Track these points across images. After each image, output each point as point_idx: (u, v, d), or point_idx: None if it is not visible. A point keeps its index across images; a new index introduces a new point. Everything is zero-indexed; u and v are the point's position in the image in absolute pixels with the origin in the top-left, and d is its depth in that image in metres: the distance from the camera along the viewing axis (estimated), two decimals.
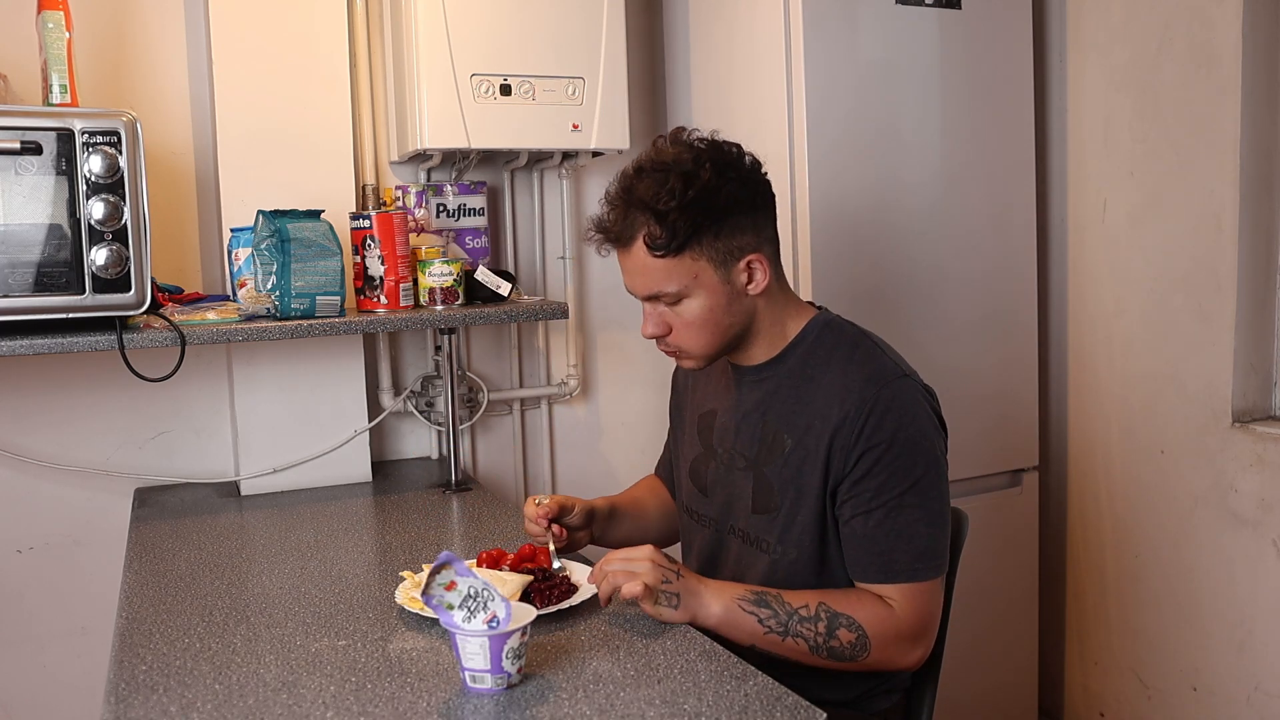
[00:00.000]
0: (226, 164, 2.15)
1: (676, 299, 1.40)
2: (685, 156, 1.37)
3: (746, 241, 1.40)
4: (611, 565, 1.34)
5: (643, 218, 1.36)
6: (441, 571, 1.18)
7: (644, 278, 1.40)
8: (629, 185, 1.39)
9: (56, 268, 1.74)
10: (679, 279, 1.38)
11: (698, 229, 1.35)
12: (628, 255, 1.40)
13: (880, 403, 1.35)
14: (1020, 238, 2.43)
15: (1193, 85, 2.20)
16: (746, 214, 1.39)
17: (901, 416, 1.35)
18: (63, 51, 1.85)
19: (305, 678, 1.22)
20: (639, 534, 1.69)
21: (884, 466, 1.34)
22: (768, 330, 1.46)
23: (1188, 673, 2.31)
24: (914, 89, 2.26)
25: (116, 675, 1.25)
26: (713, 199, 1.35)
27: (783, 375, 1.46)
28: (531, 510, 1.57)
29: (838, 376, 1.40)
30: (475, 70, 2.14)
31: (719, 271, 1.39)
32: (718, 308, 1.40)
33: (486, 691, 1.16)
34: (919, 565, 1.34)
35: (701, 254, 1.37)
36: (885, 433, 1.34)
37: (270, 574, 1.65)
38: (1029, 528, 2.51)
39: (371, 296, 2.11)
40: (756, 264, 1.41)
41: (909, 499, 1.34)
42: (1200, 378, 2.23)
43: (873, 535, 1.35)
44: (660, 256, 1.36)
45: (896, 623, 1.34)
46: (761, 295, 1.43)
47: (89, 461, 2.20)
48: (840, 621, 1.32)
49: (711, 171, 1.35)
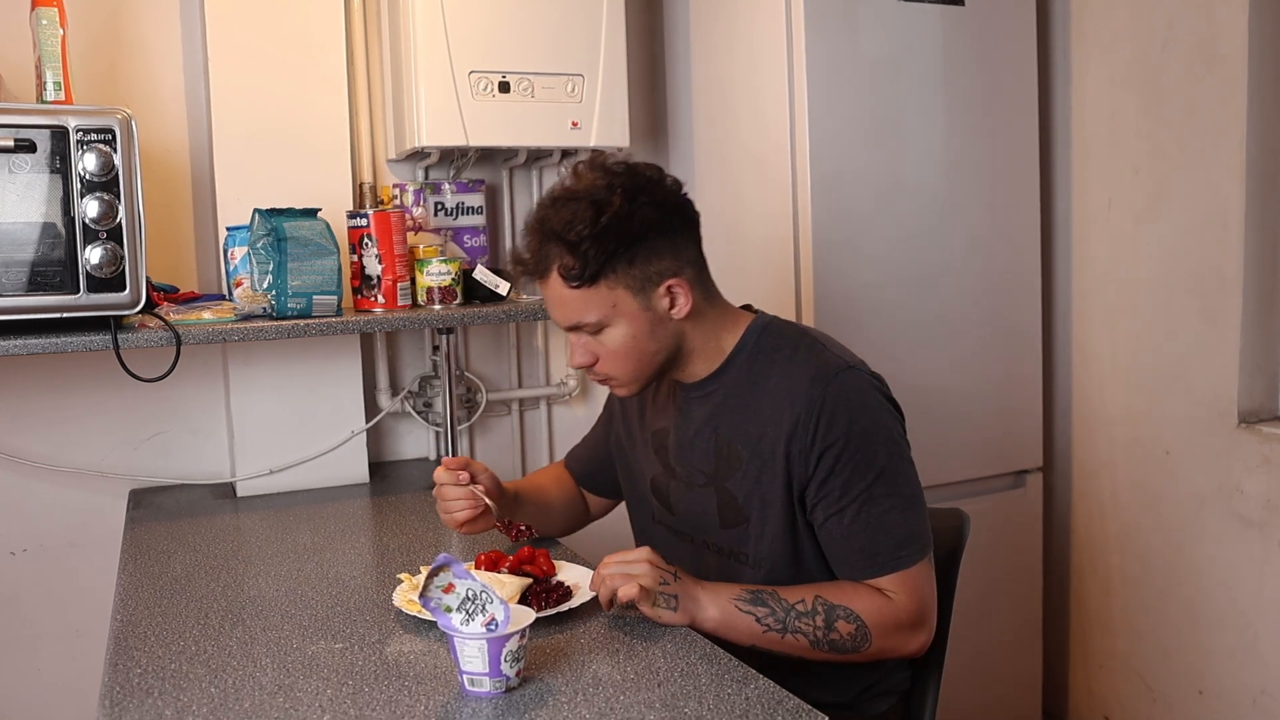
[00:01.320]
0: (222, 162, 2.15)
1: (598, 328, 1.39)
2: (598, 183, 1.36)
3: (665, 266, 1.38)
4: (609, 569, 1.34)
5: (556, 249, 1.35)
6: (439, 574, 1.18)
7: (563, 309, 1.40)
8: (542, 216, 1.38)
9: (51, 267, 1.74)
10: (597, 309, 1.37)
11: (611, 257, 1.34)
12: (546, 286, 1.40)
13: (828, 400, 1.35)
14: (1024, 236, 2.43)
15: (1198, 82, 2.20)
16: (663, 238, 1.38)
17: (852, 410, 1.36)
18: (57, 48, 1.85)
19: (302, 681, 1.22)
20: (540, 522, 1.68)
21: (845, 463, 1.35)
22: (702, 348, 1.46)
23: (1193, 676, 2.31)
24: (916, 86, 2.26)
25: (111, 678, 1.25)
26: (625, 226, 1.34)
27: (727, 388, 1.46)
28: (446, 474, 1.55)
29: (782, 380, 1.40)
30: (474, 67, 2.14)
31: (638, 299, 1.38)
32: (641, 335, 1.40)
33: (485, 695, 1.16)
34: (903, 552, 1.34)
35: (618, 282, 1.36)
36: (839, 429, 1.34)
37: (266, 576, 1.64)
38: (1032, 529, 2.51)
39: (369, 296, 2.11)
40: (677, 288, 1.40)
41: (878, 490, 1.34)
42: (1206, 378, 2.23)
43: (850, 533, 1.35)
44: (576, 287, 1.36)
45: (895, 611, 1.35)
46: (688, 318, 1.42)
47: (84, 462, 2.20)
48: (838, 614, 1.33)
49: (623, 197, 1.34)
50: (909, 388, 2.27)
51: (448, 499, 1.57)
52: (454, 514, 1.57)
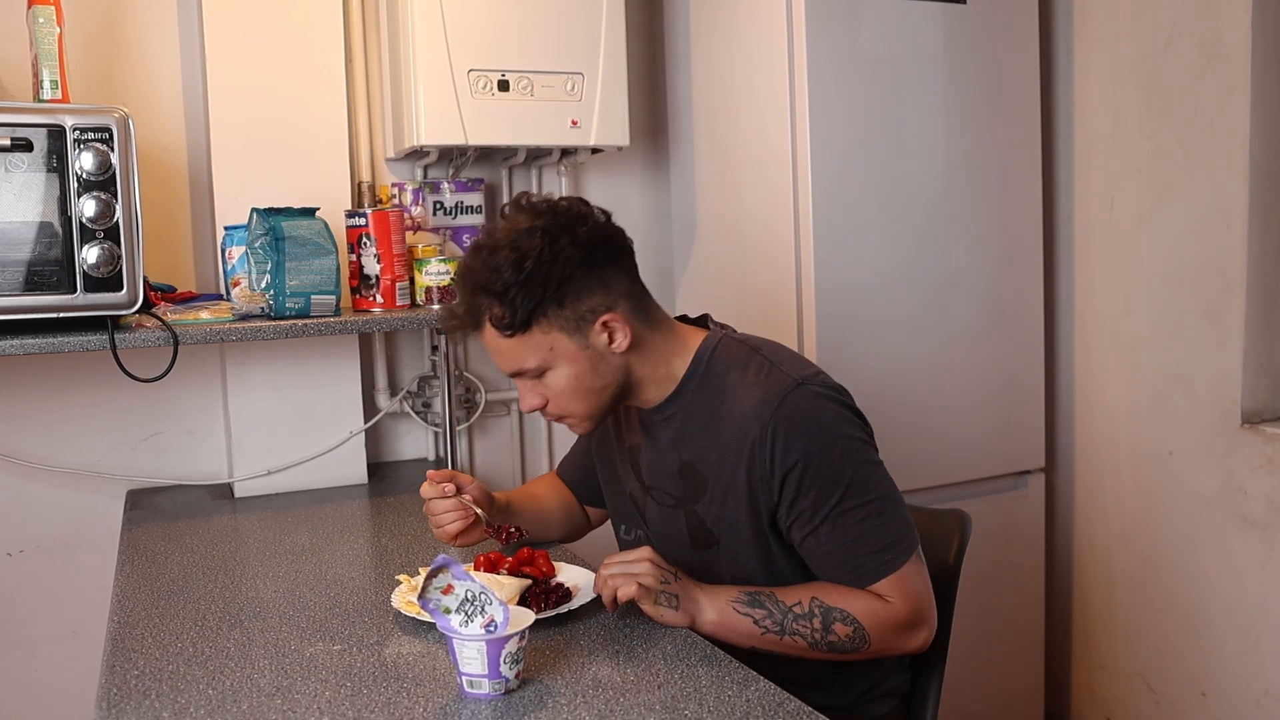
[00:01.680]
0: (220, 161, 2.15)
1: (540, 373, 1.39)
2: (519, 228, 1.35)
3: (597, 303, 1.37)
4: (610, 569, 1.34)
5: (485, 300, 1.35)
6: (438, 575, 1.18)
7: (502, 358, 1.40)
8: (467, 268, 1.38)
9: (47, 266, 1.73)
10: (535, 354, 1.37)
11: (540, 302, 1.34)
12: (483, 338, 1.40)
13: (780, 423, 1.34)
14: (1026, 235, 2.42)
15: (1201, 81, 2.20)
16: (590, 275, 1.36)
17: (807, 429, 1.34)
18: (53, 47, 1.85)
19: (300, 683, 1.22)
20: (538, 530, 1.69)
21: (810, 483, 1.34)
22: (651, 376, 1.44)
23: (1196, 678, 2.31)
24: (918, 85, 2.26)
25: (108, 680, 1.25)
26: (549, 268, 1.33)
27: (685, 412, 1.44)
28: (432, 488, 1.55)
29: (735, 405, 1.39)
30: (473, 66, 2.14)
31: (574, 339, 1.37)
32: (584, 374, 1.39)
33: (484, 697, 1.15)
34: (887, 557, 1.34)
35: (551, 325, 1.36)
36: (796, 451, 1.33)
37: (264, 577, 1.64)
38: (1035, 530, 2.51)
39: (367, 295, 2.10)
40: (613, 323, 1.38)
41: (848, 502, 1.34)
42: (1209, 378, 2.23)
43: (830, 550, 1.35)
44: (510, 336, 1.36)
45: (892, 613, 1.35)
46: (630, 350, 1.40)
47: (80, 463, 2.20)
48: (835, 616, 1.33)
49: (544, 239, 1.33)
50: (911, 388, 2.28)
51: (437, 512, 1.57)
52: (445, 527, 1.57)
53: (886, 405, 2.23)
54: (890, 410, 2.24)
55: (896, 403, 2.26)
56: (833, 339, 2.18)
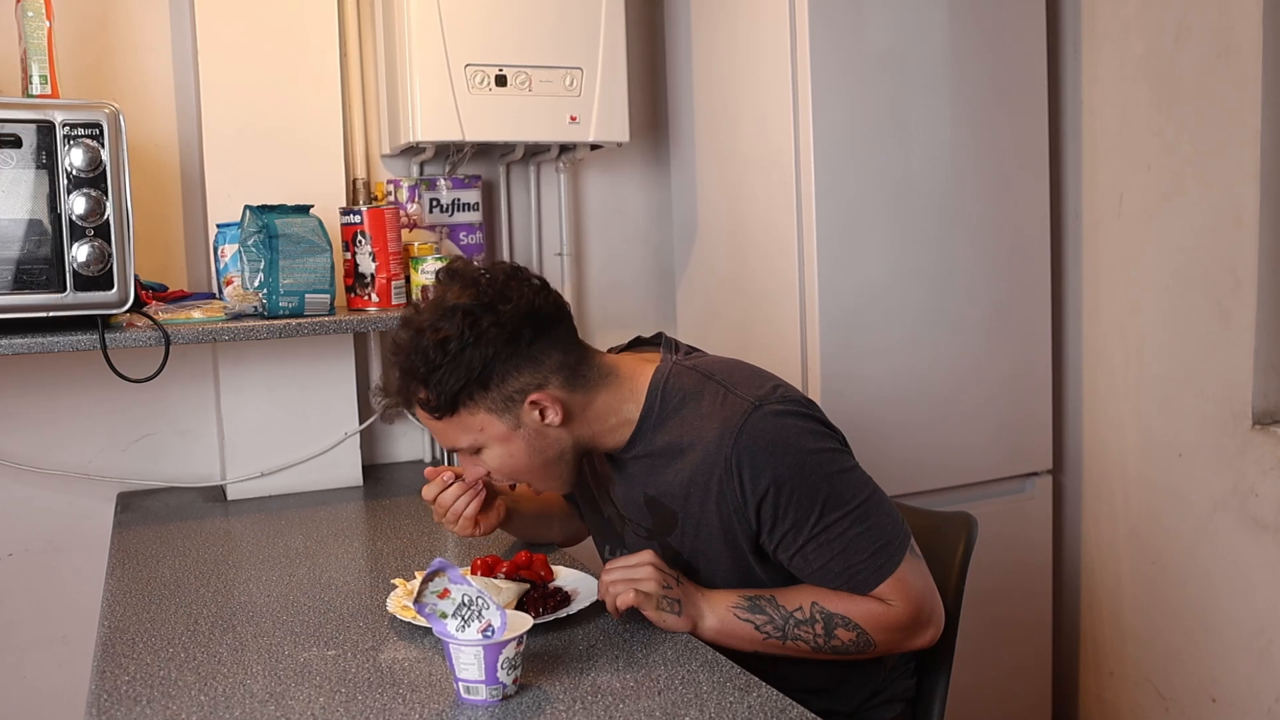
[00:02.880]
0: (212, 157, 2.15)
1: (476, 450, 1.39)
2: (442, 308, 1.33)
3: (525, 382, 1.35)
4: (612, 575, 1.35)
5: (412, 384, 1.35)
6: (435, 579, 1.18)
7: (440, 436, 1.41)
8: (396, 346, 1.37)
9: (36, 265, 1.73)
10: (466, 435, 1.37)
11: (463, 386, 1.32)
12: (419, 416, 1.41)
13: (742, 454, 1.32)
14: (1033, 233, 2.42)
15: (1211, 76, 2.20)
16: (516, 354, 1.34)
17: (770, 454, 1.32)
18: (43, 41, 1.85)
19: (293, 689, 1.22)
20: (537, 532, 1.69)
21: (785, 507, 1.32)
22: (602, 430, 1.41)
23: (1206, 683, 2.31)
24: (923, 80, 2.26)
25: (98, 686, 1.25)
26: (471, 354, 1.31)
27: (648, 451, 1.42)
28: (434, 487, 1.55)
29: (695, 438, 1.36)
30: (470, 60, 2.14)
31: (504, 419, 1.36)
32: (518, 451, 1.38)
33: (481, 703, 1.15)
34: (881, 561, 1.34)
35: (477, 408, 1.35)
36: (765, 478, 1.32)
37: (257, 581, 1.64)
38: (1042, 533, 2.51)
39: (362, 294, 2.11)
40: (543, 402, 1.35)
41: (829, 517, 1.33)
42: (1219, 378, 2.23)
43: (821, 566, 1.35)
44: (439, 418, 1.36)
45: (894, 616, 1.35)
46: (567, 422, 1.38)
47: (70, 465, 2.20)
48: (836, 621, 1.34)
49: (464, 322, 1.31)
50: (915, 388, 2.28)
51: (446, 504, 1.54)
52: (463, 512, 1.53)
53: (891, 406, 2.23)
54: (894, 411, 2.25)
55: (901, 403, 2.26)
56: (836, 339, 2.18)
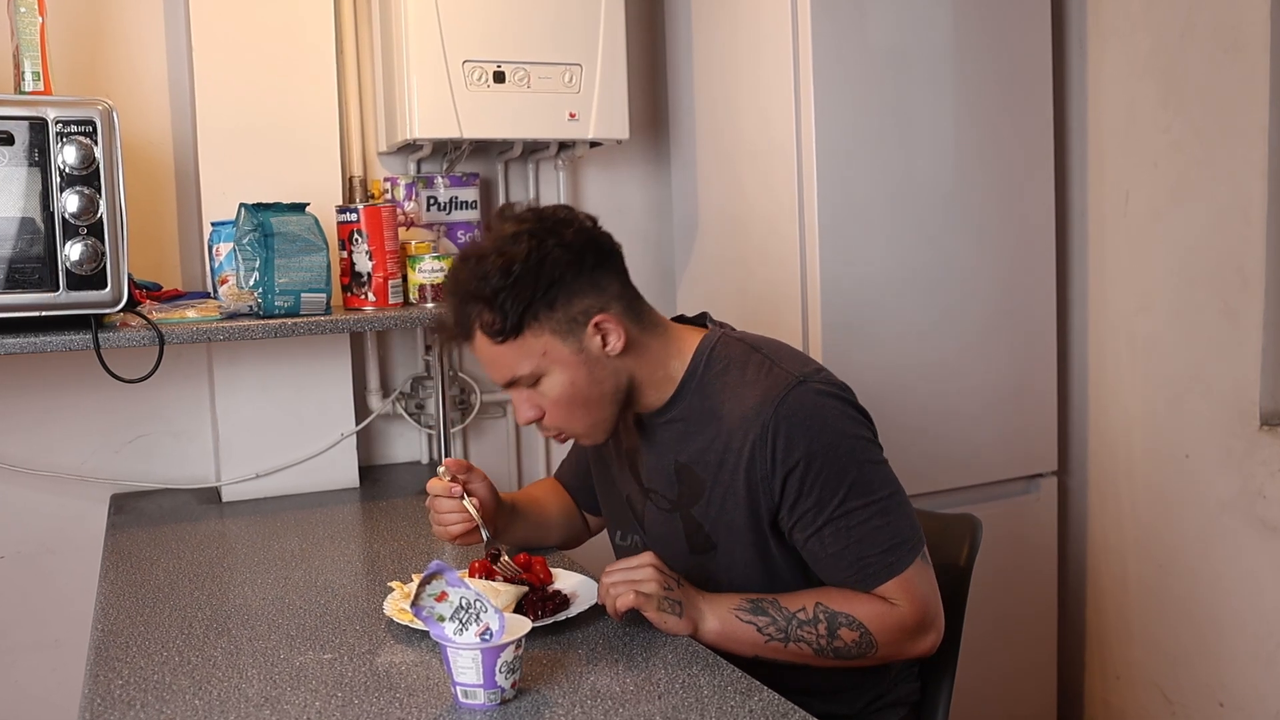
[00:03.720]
0: (207, 155, 2.15)
1: (534, 380, 1.40)
2: (504, 233, 1.37)
3: (588, 304, 1.38)
4: (613, 578, 1.35)
5: (475, 307, 1.37)
6: (432, 581, 1.18)
7: (495, 367, 1.41)
8: (455, 278, 1.40)
9: (29, 263, 1.74)
10: (529, 360, 1.38)
11: (530, 305, 1.35)
12: (475, 348, 1.41)
13: (780, 422, 1.34)
14: (1038, 232, 2.42)
15: (1219, 72, 2.20)
16: (580, 277, 1.38)
17: (808, 428, 1.34)
18: (35, 37, 1.85)
19: (289, 693, 1.22)
20: (538, 535, 1.70)
21: (812, 483, 1.34)
22: (650, 379, 1.44)
23: (1214, 687, 2.31)
24: (927, 76, 2.26)
25: (91, 690, 1.25)
26: (537, 271, 1.34)
27: (684, 415, 1.45)
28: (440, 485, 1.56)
29: (735, 405, 1.40)
30: (467, 56, 2.14)
31: (568, 343, 1.38)
32: (579, 380, 1.39)
33: (479, 707, 1.15)
34: (892, 559, 1.35)
35: (542, 329, 1.37)
36: (798, 451, 1.34)
37: (253, 584, 1.64)
38: (1047, 535, 2.51)
39: (359, 294, 2.11)
40: (606, 324, 1.39)
41: (852, 502, 1.34)
42: (1227, 378, 2.23)
43: (835, 552, 1.35)
44: (501, 342, 1.37)
45: (899, 617, 1.35)
46: (626, 353, 1.41)
47: (63, 466, 2.20)
48: (840, 621, 1.33)
49: (530, 243, 1.35)
50: (918, 388, 2.28)
51: (441, 510, 1.58)
52: (448, 527, 1.58)
53: (894, 406, 2.23)
54: (898, 412, 2.25)
55: (904, 404, 2.26)
56: (838, 338, 2.18)
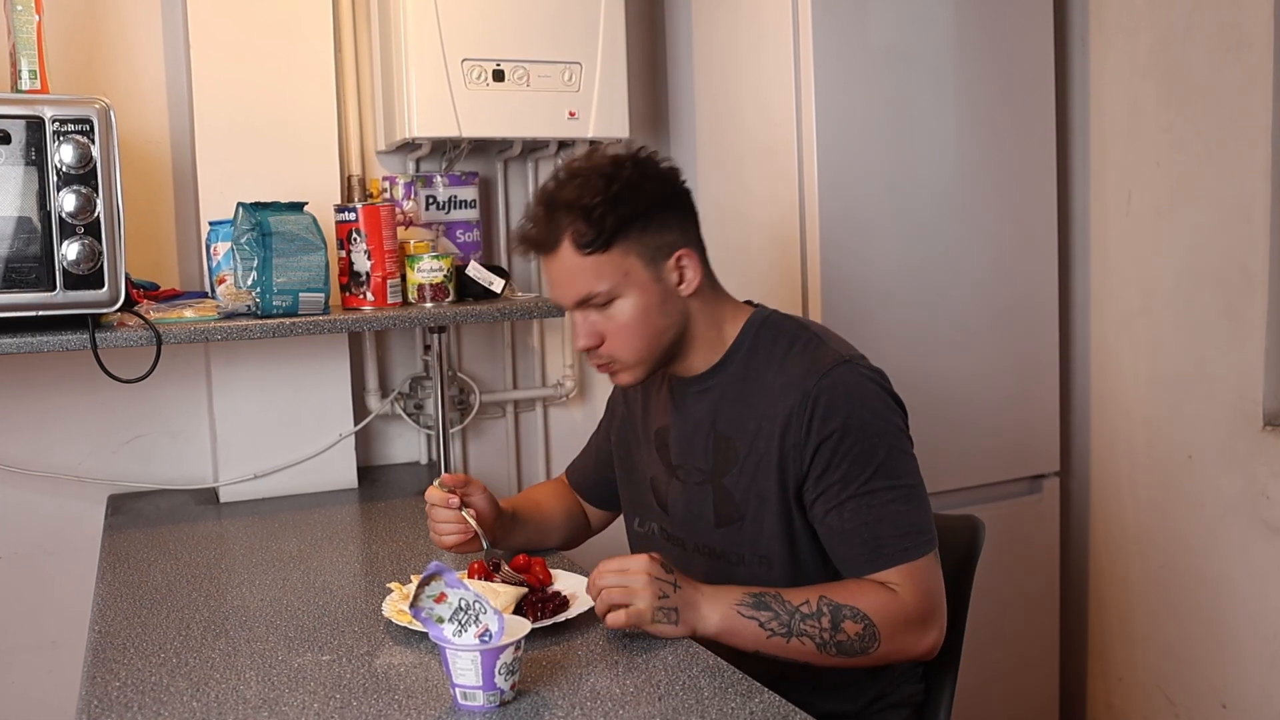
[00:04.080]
0: (205, 154, 2.15)
1: (608, 299, 1.42)
2: (604, 159, 1.42)
3: (674, 238, 1.43)
4: (606, 579, 1.33)
5: (568, 218, 1.39)
6: (431, 583, 1.18)
7: (573, 281, 1.42)
8: (550, 191, 1.43)
9: (26, 263, 1.73)
10: (609, 276, 1.40)
11: (625, 222, 1.39)
12: (555, 260, 1.42)
13: (822, 393, 1.38)
14: (1040, 231, 2.42)
15: (1222, 71, 2.20)
16: (672, 212, 1.44)
17: (848, 402, 1.38)
18: (32, 35, 1.85)
19: (287, 695, 1.22)
20: (539, 538, 1.71)
21: (842, 456, 1.36)
22: (704, 335, 1.48)
23: (1217, 689, 2.31)
24: (928, 74, 2.26)
25: (89, 692, 1.25)
26: (637, 194, 1.40)
27: (725, 383, 1.48)
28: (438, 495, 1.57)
29: (777, 375, 1.43)
30: (467, 55, 2.14)
31: (649, 269, 1.42)
32: (651, 308, 1.42)
33: (478, 709, 1.15)
34: (908, 544, 1.35)
35: (630, 249, 1.40)
36: (835, 421, 1.36)
37: (251, 585, 1.64)
38: (1049, 536, 2.51)
39: (357, 293, 2.11)
40: (687, 260, 1.44)
41: (877, 482, 1.35)
42: (1230, 378, 2.23)
43: (852, 527, 1.36)
44: (589, 254, 1.39)
45: (903, 607, 1.34)
46: (694, 297, 1.46)
47: (60, 467, 2.20)
48: (844, 613, 1.32)
49: (633, 170, 1.41)
50: (919, 388, 2.27)
51: (438, 520, 1.60)
52: (442, 536, 1.60)
53: None
54: None
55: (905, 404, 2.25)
56: None
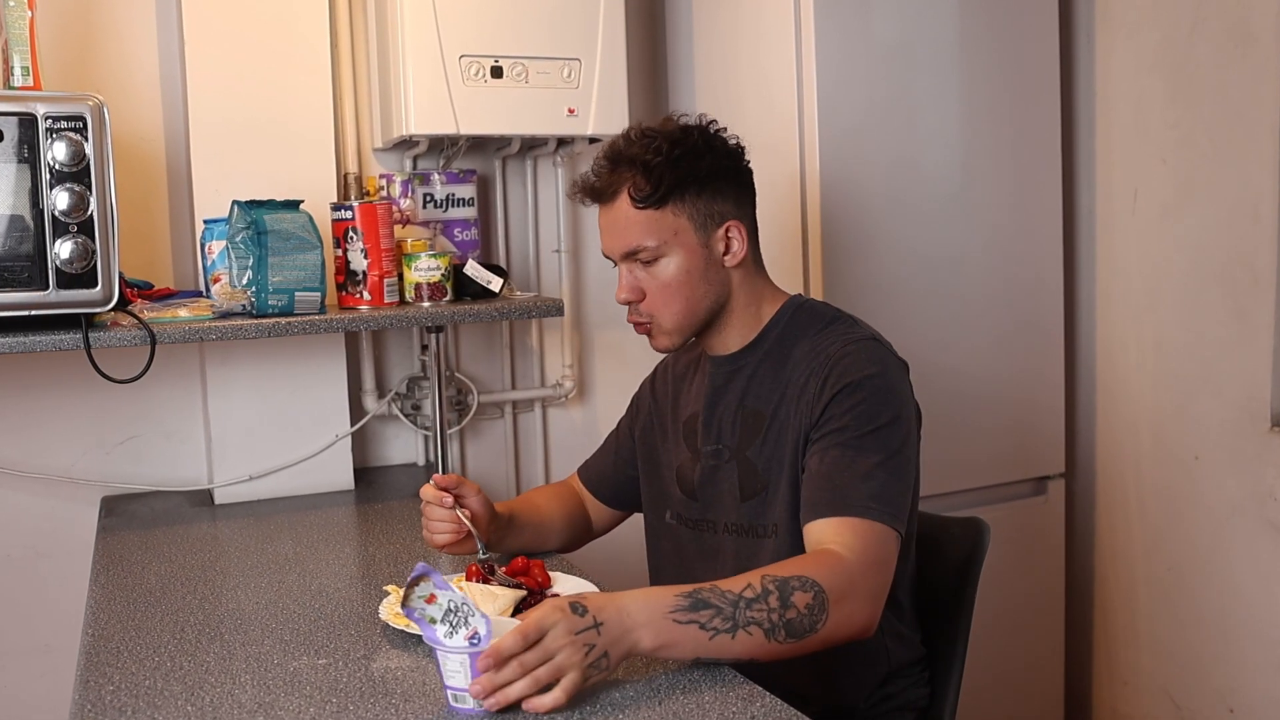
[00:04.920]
0: (199, 151, 2.15)
1: (654, 257, 1.47)
2: (674, 127, 1.50)
3: (727, 209, 1.50)
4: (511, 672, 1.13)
5: (629, 172, 1.47)
6: (420, 584, 1.18)
7: (624, 232, 1.48)
8: (617, 147, 1.50)
9: (18, 262, 1.73)
10: (659, 233, 1.46)
11: (681, 184, 1.46)
12: (610, 210, 1.50)
13: (846, 356, 1.42)
14: (1045, 230, 2.43)
15: (1229, 67, 2.20)
16: (729, 184, 1.51)
17: (868, 365, 1.41)
18: (25, 31, 1.85)
19: (283, 699, 1.22)
20: (538, 541, 1.71)
21: (846, 410, 1.38)
22: (742, 311, 1.54)
23: (1224, 693, 2.31)
24: (932, 71, 2.26)
25: (82, 696, 1.25)
26: (697, 160, 1.47)
27: (759, 360, 1.53)
28: (433, 493, 1.57)
29: (807, 349, 1.48)
30: (464, 51, 2.14)
31: (699, 234, 1.48)
32: (694, 271, 1.48)
33: (470, 712, 1.15)
34: (873, 505, 1.32)
35: (683, 210, 1.47)
36: (850, 376, 1.40)
37: (246, 588, 1.64)
38: (1054, 539, 2.51)
39: (354, 292, 2.11)
40: (735, 231, 1.50)
41: (869, 441, 1.36)
42: (1237, 378, 2.23)
43: (827, 472, 1.36)
44: (642, 208, 1.46)
45: (848, 569, 1.28)
46: (738, 270, 1.52)
47: (52, 468, 2.20)
48: (792, 585, 1.25)
49: (699, 137, 1.48)
50: (924, 388, 2.25)
51: (431, 519, 1.61)
52: (435, 535, 1.61)
53: None
54: None
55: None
56: None
